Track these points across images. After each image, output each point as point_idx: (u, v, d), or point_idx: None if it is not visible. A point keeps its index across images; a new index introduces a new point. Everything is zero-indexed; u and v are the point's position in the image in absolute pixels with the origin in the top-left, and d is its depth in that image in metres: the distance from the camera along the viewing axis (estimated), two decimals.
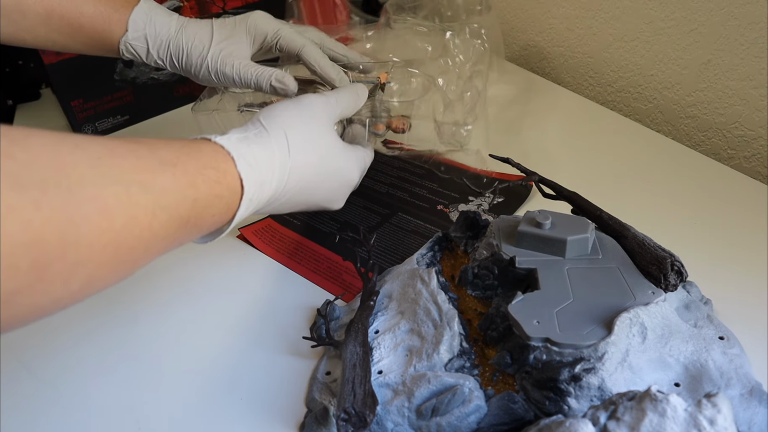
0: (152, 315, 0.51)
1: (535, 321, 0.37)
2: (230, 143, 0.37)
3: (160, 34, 0.52)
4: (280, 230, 0.58)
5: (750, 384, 0.36)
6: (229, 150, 0.37)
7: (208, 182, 0.34)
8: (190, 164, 0.34)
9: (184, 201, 0.32)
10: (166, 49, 0.53)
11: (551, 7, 0.84)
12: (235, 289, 0.52)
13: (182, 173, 0.33)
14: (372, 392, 0.37)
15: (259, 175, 0.38)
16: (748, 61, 0.62)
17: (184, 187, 0.32)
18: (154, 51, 0.52)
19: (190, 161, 0.34)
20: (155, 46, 0.52)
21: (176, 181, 0.32)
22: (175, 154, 0.33)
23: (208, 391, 0.43)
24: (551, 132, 0.72)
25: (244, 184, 0.37)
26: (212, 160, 0.35)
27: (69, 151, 0.27)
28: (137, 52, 0.52)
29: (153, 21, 0.52)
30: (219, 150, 0.37)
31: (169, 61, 0.53)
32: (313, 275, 0.53)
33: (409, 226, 0.58)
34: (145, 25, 0.52)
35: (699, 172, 0.61)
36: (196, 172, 0.34)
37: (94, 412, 0.43)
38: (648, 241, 0.42)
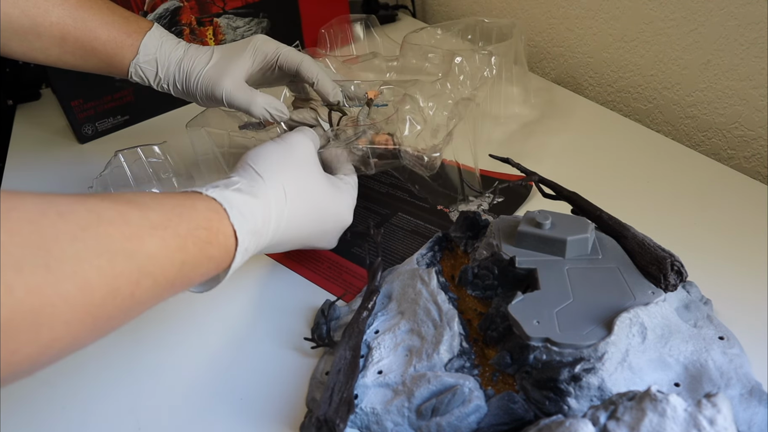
0: (152, 315, 0.50)
1: (535, 321, 0.37)
2: (223, 196, 0.37)
3: (168, 58, 0.53)
4: None
5: (750, 384, 0.36)
6: (221, 203, 0.36)
7: (198, 244, 0.34)
8: (182, 226, 0.33)
9: (171, 266, 0.32)
10: (172, 76, 0.54)
11: (551, 7, 0.84)
12: (236, 290, 0.52)
13: (172, 236, 0.32)
14: (350, 400, 0.37)
15: (254, 225, 0.38)
16: (748, 61, 0.62)
17: (172, 252, 0.32)
18: (162, 74, 0.54)
19: (181, 223, 0.33)
20: (163, 69, 0.54)
21: (165, 246, 0.31)
22: (166, 215, 0.33)
23: (209, 391, 0.43)
24: (551, 132, 0.72)
25: (238, 236, 0.36)
26: (205, 220, 0.35)
27: (51, 224, 0.26)
28: (146, 75, 0.54)
29: (163, 47, 0.53)
30: (212, 206, 0.36)
31: (173, 84, 0.54)
32: (314, 276, 0.53)
33: (409, 226, 0.58)
34: (156, 50, 0.53)
35: (699, 172, 0.61)
36: (187, 233, 0.33)
37: (94, 413, 0.43)
38: (648, 241, 0.42)
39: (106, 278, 0.27)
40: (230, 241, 0.36)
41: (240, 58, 0.53)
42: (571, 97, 0.79)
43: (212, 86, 0.52)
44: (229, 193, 0.38)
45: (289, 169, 0.44)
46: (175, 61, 0.54)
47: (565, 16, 0.82)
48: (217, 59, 0.53)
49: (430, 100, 0.58)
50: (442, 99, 0.58)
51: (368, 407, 0.38)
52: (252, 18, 0.85)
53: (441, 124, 0.57)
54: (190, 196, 0.36)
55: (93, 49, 0.52)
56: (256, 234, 0.39)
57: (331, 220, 0.48)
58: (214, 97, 0.53)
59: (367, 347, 0.42)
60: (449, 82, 0.60)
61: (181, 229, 0.33)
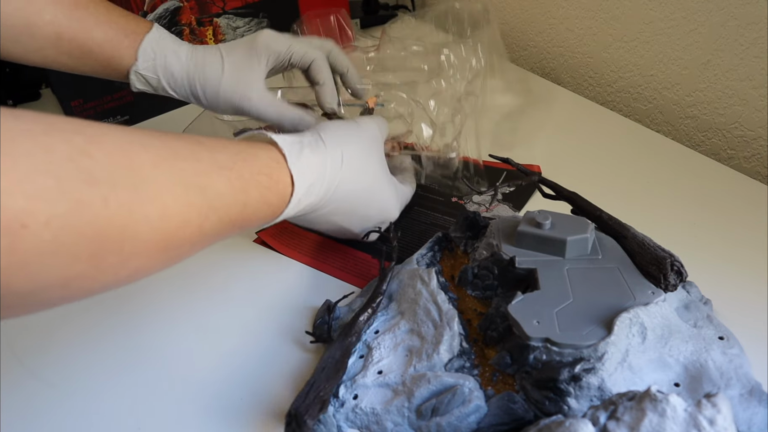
0: (154, 316, 0.51)
1: (534, 321, 0.37)
2: (285, 143, 0.39)
3: (171, 65, 0.52)
4: (298, 231, 0.58)
5: (750, 384, 0.35)
6: (282, 148, 0.38)
7: (259, 189, 0.36)
8: (246, 169, 0.35)
9: (235, 205, 0.34)
10: (177, 81, 0.52)
11: (551, 7, 0.84)
12: (237, 290, 0.52)
13: (237, 178, 0.34)
14: (324, 400, 0.37)
15: (309, 177, 0.40)
16: (748, 61, 0.62)
17: (237, 192, 0.34)
18: (164, 82, 0.52)
19: (245, 166, 0.35)
20: (165, 76, 0.52)
21: (230, 186, 0.34)
22: (232, 158, 0.35)
23: (209, 390, 0.43)
24: (551, 132, 0.72)
25: (296, 184, 0.38)
26: (266, 167, 0.37)
27: (137, 152, 0.29)
28: (149, 83, 0.52)
29: (163, 51, 0.51)
30: (273, 156, 0.38)
31: (182, 92, 0.53)
32: (341, 273, 0.53)
33: (428, 219, 0.58)
34: (156, 55, 0.51)
35: (699, 172, 0.61)
36: (250, 177, 0.35)
37: (95, 413, 0.43)
38: (648, 241, 0.42)
39: (180, 207, 0.30)
40: (287, 190, 0.38)
41: (256, 64, 0.51)
42: (572, 97, 0.79)
43: (238, 101, 0.51)
44: (290, 143, 0.39)
45: (352, 141, 0.45)
46: (181, 69, 0.52)
47: (565, 16, 0.83)
48: (230, 67, 0.51)
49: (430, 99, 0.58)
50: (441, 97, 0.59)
51: (368, 407, 0.38)
52: (252, 18, 0.85)
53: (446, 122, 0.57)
54: (253, 144, 0.38)
55: (89, 50, 0.50)
56: (309, 188, 0.40)
57: (376, 208, 0.48)
58: (241, 110, 0.52)
59: (367, 347, 0.42)
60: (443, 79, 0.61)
61: (245, 172, 0.35)
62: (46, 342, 0.48)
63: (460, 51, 0.64)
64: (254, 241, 0.57)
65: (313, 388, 0.37)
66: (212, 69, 0.51)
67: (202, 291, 0.53)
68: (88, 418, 0.42)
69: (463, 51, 0.64)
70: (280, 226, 0.58)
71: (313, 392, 0.37)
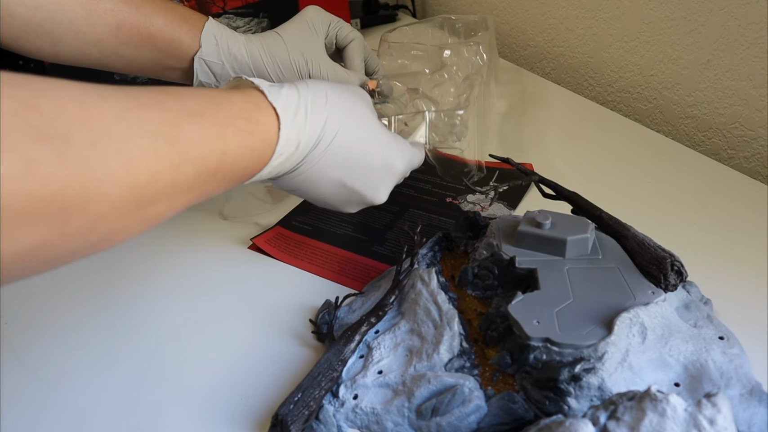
0: (154, 316, 0.51)
1: (535, 321, 0.37)
2: (263, 83, 0.37)
3: (233, 48, 0.51)
4: (293, 237, 0.58)
5: (750, 384, 0.36)
6: (260, 87, 0.36)
7: (238, 133, 0.33)
8: (219, 114, 0.33)
9: (211, 154, 0.32)
10: (242, 65, 0.52)
11: (551, 7, 0.84)
12: (238, 292, 0.52)
13: (210, 124, 0.32)
14: (311, 412, 0.37)
15: (294, 112, 0.37)
16: (748, 61, 0.62)
17: (212, 139, 0.32)
18: (228, 66, 0.52)
19: (219, 111, 0.33)
20: (230, 61, 0.52)
21: (204, 133, 0.31)
22: (203, 104, 0.32)
23: (209, 390, 0.43)
24: (551, 132, 0.72)
25: (280, 114, 0.36)
26: (243, 110, 0.34)
27: (95, 103, 0.27)
28: (212, 70, 0.52)
29: (224, 37, 0.51)
30: (251, 97, 0.36)
31: (248, 72, 0.52)
32: (339, 276, 0.53)
33: (422, 220, 0.58)
34: (218, 40, 0.51)
35: (699, 172, 0.61)
36: (226, 122, 0.33)
37: (95, 412, 0.43)
38: (648, 241, 0.42)
39: (148, 160, 0.28)
40: (272, 132, 0.36)
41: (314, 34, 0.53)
42: (572, 97, 0.79)
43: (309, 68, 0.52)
44: (268, 85, 0.37)
45: (337, 89, 0.42)
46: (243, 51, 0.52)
47: (565, 16, 0.83)
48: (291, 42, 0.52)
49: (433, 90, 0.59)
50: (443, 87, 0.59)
51: (368, 407, 0.38)
52: (252, 18, 0.85)
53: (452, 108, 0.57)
54: (226, 90, 0.36)
55: (149, 36, 0.49)
56: (297, 126, 0.37)
57: (378, 158, 0.43)
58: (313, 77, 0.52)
59: (368, 347, 0.42)
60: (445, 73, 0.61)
61: (220, 117, 0.33)
62: (46, 342, 0.48)
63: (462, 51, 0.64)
64: (249, 248, 0.57)
65: (304, 395, 0.38)
66: (279, 47, 0.52)
67: (201, 293, 0.53)
68: (88, 417, 0.42)
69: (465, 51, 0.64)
70: (274, 232, 0.58)
71: (303, 400, 0.37)
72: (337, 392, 0.39)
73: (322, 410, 0.39)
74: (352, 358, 0.42)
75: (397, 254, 0.54)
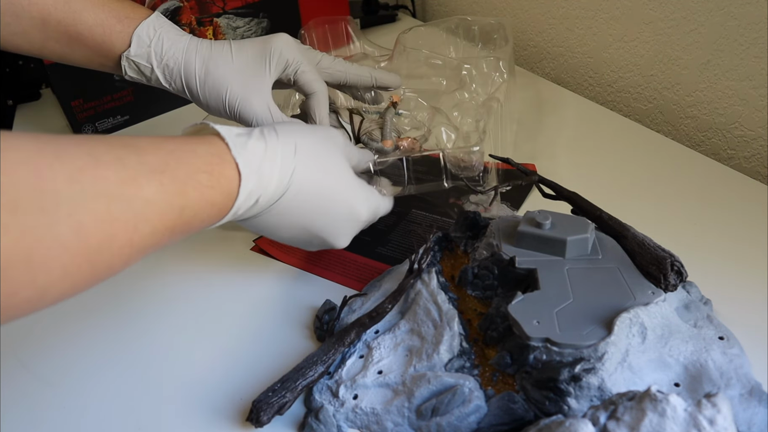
0: (157, 317, 0.51)
1: (534, 321, 0.37)
2: (229, 134, 0.36)
3: (168, 53, 0.48)
4: None
5: (750, 384, 0.36)
6: (225, 137, 0.35)
7: (198, 188, 0.32)
8: (181, 170, 0.32)
9: (170, 211, 0.31)
10: (174, 72, 0.48)
11: (551, 7, 0.84)
12: (240, 290, 0.52)
13: (170, 181, 0.31)
14: (282, 405, 0.38)
15: (258, 166, 0.36)
16: (748, 61, 0.62)
17: (171, 197, 0.31)
18: (159, 71, 0.48)
19: (180, 166, 0.32)
20: (161, 66, 0.48)
21: (163, 191, 0.30)
22: (164, 159, 0.31)
23: (209, 390, 0.43)
24: (551, 132, 0.72)
25: (242, 173, 0.35)
26: (205, 163, 0.33)
27: (48, 165, 0.26)
28: (140, 70, 0.48)
29: (161, 38, 0.48)
30: (214, 149, 0.35)
31: (176, 84, 0.49)
32: (341, 277, 0.53)
33: (426, 221, 0.58)
34: (152, 41, 0.47)
35: (699, 172, 0.61)
36: (187, 177, 0.32)
37: (95, 412, 0.43)
38: (648, 241, 0.42)
39: (102, 223, 0.27)
40: (233, 185, 0.35)
41: (266, 68, 0.48)
42: (572, 97, 0.79)
43: (239, 103, 0.48)
44: (236, 131, 0.36)
45: (307, 135, 0.41)
46: (181, 60, 0.48)
47: (565, 16, 0.83)
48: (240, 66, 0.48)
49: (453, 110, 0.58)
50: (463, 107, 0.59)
51: (368, 407, 0.38)
52: (252, 18, 0.85)
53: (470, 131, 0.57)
54: (190, 140, 0.35)
55: (78, 35, 0.46)
56: (259, 179, 0.36)
57: (342, 209, 0.43)
58: (236, 113, 0.48)
59: (367, 347, 0.43)
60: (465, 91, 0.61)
61: (180, 173, 0.32)
62: (46, 342, 0.48)
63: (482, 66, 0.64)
64: (252, 249, 0.57)
65: (282, 386, 0.39)
66: (219, 65, 0.48)
67: (204, 294, 0.53)
68: (89, 417, 0.42)
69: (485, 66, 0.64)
70: None
71: (279, 391, 0.39)
72: (337, 392, 0.40)
73: (322, 410, 0.39)
74: (351, 358, 0.42)
75: (400, 256, 0.54)
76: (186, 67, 0.48)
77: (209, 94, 0.48)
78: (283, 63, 0.49)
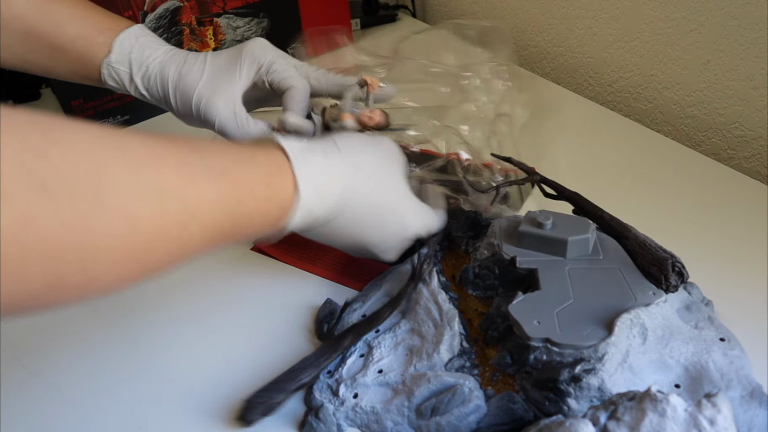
0: (157, 317, 0.51)
1: (535, 321, 0.37)
2: (292, 148, 0.35)
3: (148, 61, 0.47)
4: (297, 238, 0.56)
5: (751, 386, 0.36)
6: (290, 155, 0.35)
7: (255, 199, 0.33)
8: (240, 177, 0.32)
9: (223, 215, 0.31)
10: (151, 80, 0.48)
11: (551, 7, 0.84)
12: (241, 294, 0.52)
13: (229, 186, 0.31)
14: (270, 407, 0.38)
15: (319, 184, 0.36)
16: (748, 61, 0.62)
17: (226, 201, 0.31)
18: (138, 78, 0.48)
19: (240, 173, 0.32)
20: (140, 72, 0.48)
21: (219, 193, 0.30)
22: (226, 163, 0.32)
23: (209, 391, 0.43)
24: (551, 132, 0.71)
25: (301, 191, 0.35)
26: (265, 174, 0.34)
27: (109, 154, 0.26)
28: (119, 77, 0.48)
29: (141, 46, 0.48)
30: (276, 161, 0.35)
31: (155, 94, 0.49)
32: (342, 278, 0.52)
33: None
34: (132, 49, 0.47)
35: (699, 172, 0.61)
36: (245, 185, 0.32)
37: (95, 412, 0.43)
38: (649, 242, 0.42)
39: (153, 217, 0.27)
40: (288, 199, 0.34)
41: (237, 71, 0.47)
42: (572, 97, 0.79)
43: (204, 105, 0.46)
44: (300, 146, 0.36)
45: (369, 150, 0.41)
46: (157, 67, 0.47)
47: (565, 16, 0.83)
48: (211, 71, 0.47)
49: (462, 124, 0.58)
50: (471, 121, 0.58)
51: (368, 406, 0.38)
52: (252, 18, 0.85)
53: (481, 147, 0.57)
54: (253, 149, 0.35)
55: (60, 47, 0.46)
56: (319, 196, 0.36)
57: (396, 220, 0.43)
58: (203, 117, 0.47)
59: (368, 346, 0.43)
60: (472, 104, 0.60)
61: (240, 180, 0.32)
62: (47, 342, 0.48)
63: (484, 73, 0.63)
64: (251, 249, 0.57)
65: (273, 386, 0.39)
66: (191, 70, 0.47)
67: (204, 295, 0.53)
68: (89, 417, 0.42)
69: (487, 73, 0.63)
70: None
71: (269, 391, 0.39)
72: (337, 391, 0.40)
73: (322, 409, 0.39)
74: (352, 357, 0.42)
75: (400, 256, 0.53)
76: (162, 74, 0.48)
77: (180, 98, 0.48)
78: (255, 64, 0.48)
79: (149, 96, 0.49)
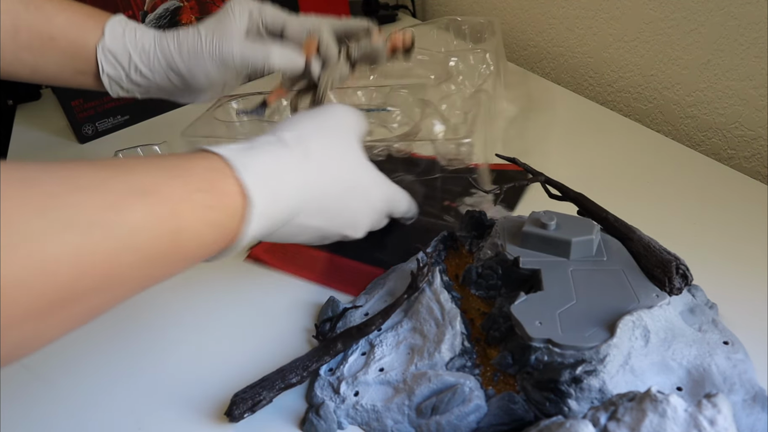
0: (154, 317, 0.51)
1: (537, 322, 0.37)
2: (230, 153, 0.33)
3: (142, 39, 0.47)
4: (292, 245, 0.56)
5: (753, 390, 0.35)
6: (228, 160, 0.32)
7: (195, 209, 0.30)
8: (173, 189, 0.29)
9: (160, 237, 0.28)
10: (150, 55, 0.47)
11: (551, 7, 0.84)
12: (237, 302, 0.52)
13: (159, 202, 0.28)
14: (256, 403, 0.39)
15: (272, 187, 0.33)
16: (748, 61, 0.62)
17: (162, 221, 0.28)
18: (137, 57, 0.47)
19: (173, 186, 0.29)
20: (137, 51, 0.47)
21: (151, 214, 0.28)
22: (155, 180, 0.29)
23: (209, 391, 0.43)
24: (551, 132, 0.72)
25: (252, 195, 0.32)
26: (202, 181, 0.31)
27: (14, 194, 0.23)
28: (117, 59, 0.47)
29: (132, 27, 0.47)
30: (214, 166, 0.32)
31: (157, 68, 0.47)
32: (339, 284, 0.52)
33: (420, 224, 0.57)
34: (125, 31, 0.47)
35: (699, 172, 0.61)
36: (179, 198, 0.29)
37: (94, 413, 0.43)
38: (654, 243, 0.41)
39: (74, 255, 0.24)
40: (237, 203, 0.32)
41: (231, 17, 0.47)
42: (572, 97, 0.79)
43: (219, 51, 0.46)
44: (236, 151, 0.33)
45: (317, 130, 0.38)
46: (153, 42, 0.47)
47: (565, 16, 0.83)
48: (206, 29, 0.47)
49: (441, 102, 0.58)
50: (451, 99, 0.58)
51: (369, 404, 0.38)
52: None
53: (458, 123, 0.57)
54: (186, 159, 0.32)
55: (51, 38, 0.45)
56: (274, 197, 0.33)
57: (360, 197, 0.40)
58: (223, 60, 0.46)
59: (370, 344, 0.43)
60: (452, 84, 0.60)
61: (173, 193, 0.29)
62: None
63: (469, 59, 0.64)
64: (245, 259, 0.56)
65: (261, 384, 0.39)
66: (188, 34, 0.47)
67: (202, 294, 0.53)
68: (89, 417, 0.42)
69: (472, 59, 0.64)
70: None
71: (257, 389, 0.39)
72: (339, 389, 0.40)
73: (323, 406, 0.39)
74: (353, 355, 0.42)
75: (398, 260, 0.53)
76: (161, 46, 0.47)
77: (187, 58, 0.47)
78: (246, 10, 0.47)
79: (150, 73, 0.48)
